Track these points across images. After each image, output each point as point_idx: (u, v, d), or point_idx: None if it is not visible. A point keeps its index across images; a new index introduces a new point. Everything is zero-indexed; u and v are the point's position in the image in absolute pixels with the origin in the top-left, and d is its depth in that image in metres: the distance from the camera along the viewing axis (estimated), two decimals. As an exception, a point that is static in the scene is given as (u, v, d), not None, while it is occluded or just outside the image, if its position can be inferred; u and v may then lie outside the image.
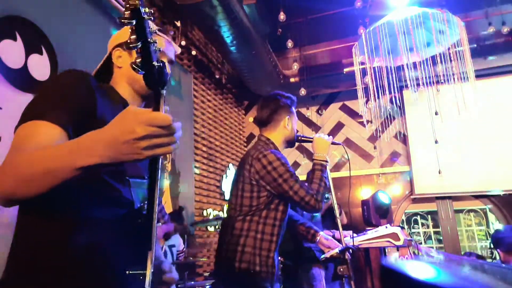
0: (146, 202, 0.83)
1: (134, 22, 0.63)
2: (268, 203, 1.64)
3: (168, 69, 1.03)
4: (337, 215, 1.88)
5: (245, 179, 1.65)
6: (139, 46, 0.64)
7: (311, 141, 1.88)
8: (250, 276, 1.57)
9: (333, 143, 1.92)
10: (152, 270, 0.80)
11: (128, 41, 0.63)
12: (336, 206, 1.87)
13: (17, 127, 0.80)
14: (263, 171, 1.61)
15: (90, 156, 0.65)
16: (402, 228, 3.24)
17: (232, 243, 1.60)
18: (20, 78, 1.89)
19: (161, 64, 0.69)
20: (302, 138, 1.90)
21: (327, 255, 1.83)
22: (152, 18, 0.67)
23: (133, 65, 0.66)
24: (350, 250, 1.77)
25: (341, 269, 1.86)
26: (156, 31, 0.99)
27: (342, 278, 2.38)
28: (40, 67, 2.01)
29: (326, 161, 1.80)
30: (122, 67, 1.03)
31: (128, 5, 0.62)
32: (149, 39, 0.65)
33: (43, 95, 0.84)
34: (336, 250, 1.78)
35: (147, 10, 0.64)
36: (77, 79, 0.88)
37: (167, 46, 1.07)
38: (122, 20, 0.62)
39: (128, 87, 1.03)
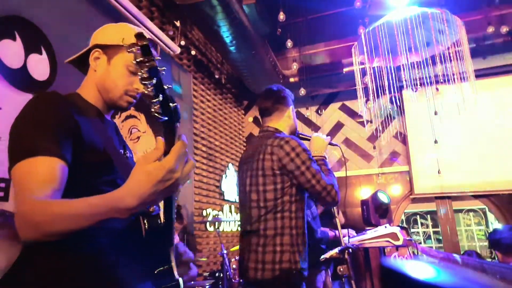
0: (153, 205, 0.85)
1: (154, 81, 0.65)
2: (292, 194, 1.56)
3: (141, 87, 1.05)
4: (336, 214, 1.88)
5: (266, 171, 1.56)
6: (160, 99, 0.68)
7: (309, 139, 1.87)
8: (294, 275, 1.50)
9: (330, 144, 1.90)
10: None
11: (148, 95, 0.66)
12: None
13: (11, 168, 0.78)
14: (286, 158, 1.54)
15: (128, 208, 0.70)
16: (403, 228, 3.24)
17: (268, 244, 1.52)
18: (20, 78, 1.88)
19: (176, 104, 0.72)
20: (301, 136, 1.87)
21: (327, 255, 1.82)
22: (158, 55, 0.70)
23: (155, 114, 0.69)
24: (350, 249, 1.76)
25: (341, 269, 1.86)
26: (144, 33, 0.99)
27: (342, 278, 2.38)
28: (39, 67, 2.01)
29: (325, 157, 1.78)
30: (96, 71, 1.00)
31: (146, 68, 0.64)
32: (165, 88, 0.69)
33: (27, 128, 0.82)
34: (336, 250, 1.77)
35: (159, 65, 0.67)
36: (52, 103, 0.86)
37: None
38: (144, 82, 0.65)
39: (98, 94, 1.01)
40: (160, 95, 0.67)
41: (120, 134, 1.12)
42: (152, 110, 0.68)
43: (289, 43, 3.97)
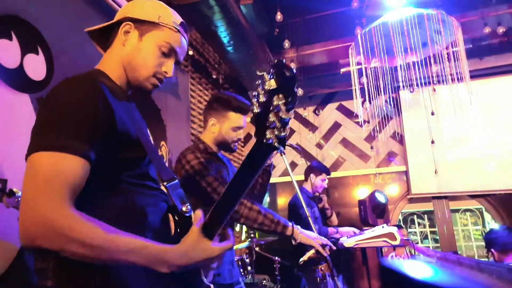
0: (186, 203, 0.87)
1: (291, 117, 0.66)
2: None
3: (171, 71, 0.97)
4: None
5: None
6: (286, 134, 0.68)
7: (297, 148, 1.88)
8: None
9: (290, 146, 1.90)
10: None
11: (279, 128, 0.66)
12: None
13: (31, 152, 0.71)
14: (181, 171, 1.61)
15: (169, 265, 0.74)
16: (400, 227, 3.25)
17: None
18: (16, 78, 1.87)
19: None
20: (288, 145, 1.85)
21: (305, 258, 1.76)
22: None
23: (276, 144, 0.68)
24: (328, 246, 1.70)
25: (322, 268, 1.83)
26: (180, 28, 0.96)
27: (324, 277, 2.35)
28: (36, 67, 2.00)
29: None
30: (125, 46, 0.93)
31: (293, 100, 0.65)
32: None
33: (56, 115, 0.75)
34: (312, 251, 1.69)
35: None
36: (89, 90, 0.80)
37: (182, 46, 0.98)
38: (283, 117, 0.65)
39: (122, 72, 0.93)
40: (287, 128, 0.68)
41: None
42: (270, 136, 0.67)
43: (286, 43, 3.97)
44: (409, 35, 3.18)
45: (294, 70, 0.66)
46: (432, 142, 4.53)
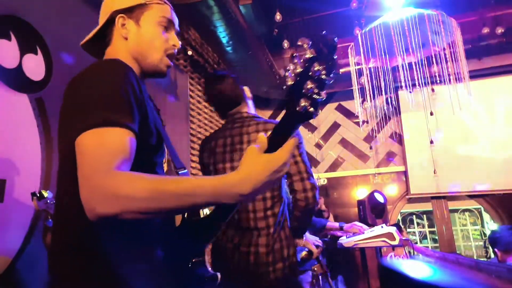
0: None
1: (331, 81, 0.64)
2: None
3: (178, 42, 0.98)
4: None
5: None
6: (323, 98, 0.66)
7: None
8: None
9: None
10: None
11: (317, 92, 0.64)
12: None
13: (74, 137, 0.71)
14: None
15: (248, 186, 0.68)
16: (400, 227, 3.25)
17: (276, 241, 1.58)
18: (15, 78, 1.87)
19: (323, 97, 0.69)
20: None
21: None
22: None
23: (309, 110, 0.66)
24: (319, 247, 1.70)
25: (315, 269, 1.83)
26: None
27: (317, 277, 2.35)
28: (35, 67, 2.00)
29: None
30: (128, 39, 0.91)
31: (329, 70, 0.63)
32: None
33: (98, 94, 0.74)
34: (304, 252, 1.70)
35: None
36: (126, 70, 0.79)
37: (173, 15, 0.99)
38: (324, 77, 0.64)
39: (135, 64, 0.92)
40: (324, 93, 0.65)
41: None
42: (305, 104, 0.65)
43: (285, 44, 3.97)
44: (408, 36, 3.19)
45: (336, 40, 0.65)
46: (431, 142, 4.54)
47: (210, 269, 0.85)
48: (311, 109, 0.65)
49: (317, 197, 1.55)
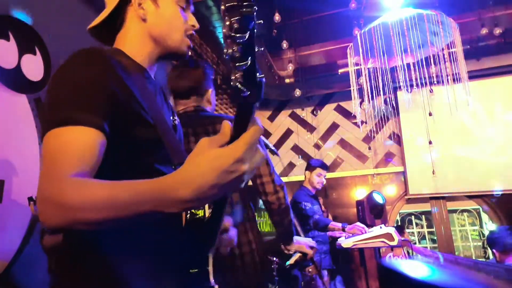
0: (212, 201, 0.70)
1: (246, 36, 0.47)
2: None
3: (196, 22, 0.93)
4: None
5: None
6: (248, 63, 0.49)
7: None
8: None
9: (272, 151, 1.87)
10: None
11: (233, 56, 0.48)
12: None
13: (43, 134, 0.67)
14: None
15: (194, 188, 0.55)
16: (401, 228, 3.25)
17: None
18: (13, 79, 1.87)
19: (262, 76, 0.54)
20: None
21: (291, 261, 1.75)
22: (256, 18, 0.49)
23: (237, 84, 0.51)
24: (314, 248, 1.70)
25: (309, 270, 1.82)
26: None
27: (312, 279, 2.35)
28: (33, 67, 1.99)
29: None
30: (147, 20, 0.87)
31: (240, 16, 0.46)
32: (256, 50, 0.51)
33: (64, 90, 0.70)
34: (298, 255, 1.69)
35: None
36: (96, 61, 0.73)
37: None
38: (233, 34, 0.46)
39: (153, 46, 0.88)
40: (249, 58, 0.49)
41: (167, 97, 0.99)
42: (233, 78, 0.50)
43: (284, 44, 3.97)
44: (407, 36, 3.19)
45: None
46: (430, 142, 4.54)
47: (213, 282, 0.78)
48: (238, 84, 0.50)
49: (287, 196, 1.56)
